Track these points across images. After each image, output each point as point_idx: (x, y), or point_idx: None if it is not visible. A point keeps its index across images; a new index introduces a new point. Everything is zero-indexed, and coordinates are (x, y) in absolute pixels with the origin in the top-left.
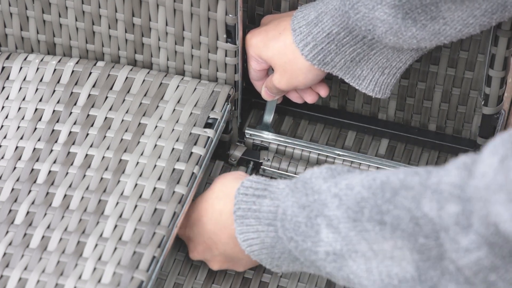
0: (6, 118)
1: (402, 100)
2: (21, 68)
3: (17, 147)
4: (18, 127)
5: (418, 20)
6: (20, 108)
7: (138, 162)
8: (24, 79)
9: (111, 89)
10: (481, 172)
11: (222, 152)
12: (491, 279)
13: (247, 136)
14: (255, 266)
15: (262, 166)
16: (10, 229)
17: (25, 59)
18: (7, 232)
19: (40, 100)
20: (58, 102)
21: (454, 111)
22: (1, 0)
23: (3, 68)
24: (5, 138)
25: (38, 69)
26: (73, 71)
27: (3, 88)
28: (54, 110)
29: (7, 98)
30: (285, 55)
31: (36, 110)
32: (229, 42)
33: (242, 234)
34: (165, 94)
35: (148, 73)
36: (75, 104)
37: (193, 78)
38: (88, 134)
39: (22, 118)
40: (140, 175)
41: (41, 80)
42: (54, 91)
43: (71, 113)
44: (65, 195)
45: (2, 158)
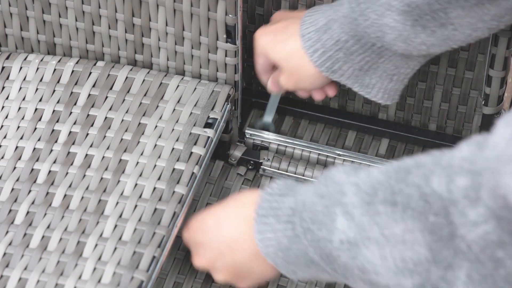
0: (6, 118)
1: (402, 100)
2: (21, 68)
3: (17, 147)
4: (18, 127)
5: (427, 26)
6: (20, 108)
7: (138, 162)
8: (24, 79)
9: (111, 89)
10: (492, 143)
11: (222, 152)
12: (499, 256)
13: (247, 136)
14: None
15: (262, 166)
16: (10, 229)
17: (25, 59)
18: (7, 232)
19: (40, 100)
20: (58, 102)
21: (454, 111)
22: (1, 0)
23: (3, 68)
24: (5, 138)
25: (38, 69)
26: (73, 71)
27: (3, 88)
28: (54, 110)
29: (7, 98)
30: (293, 60)
31: (36, 110)
32: (229, 42)
33: (260, 233)
34: (165, 94)
35: (148, 73)
36: (75, 104)
37: (193, 78)
38: (88, 134)
39: (22, 118)
40: (140, 175)
41: (41, 80)
42: (54, 91)
43: (71, 113)
44: (65, 195)
45: (2, 158)
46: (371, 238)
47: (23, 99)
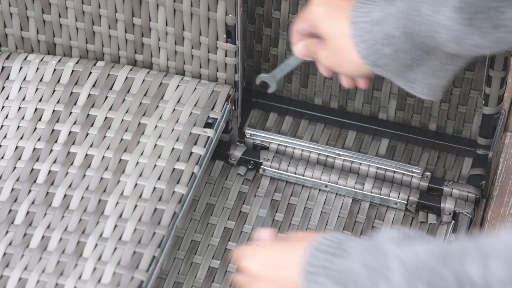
0: (6, 118)
1: (402, 100)
2: (21, 68)
3: (17, 147)
4: (18, 127)
5: (481, 27)
6: (20, 108)
7: (138, 162)
8: (24, 79)
9: (111, 89)
10: None
11: (222, 152)
12: None
13: (247, 136)
14: None
15: (262, 166)
16: (10, 229)
17: (25, 59)
18: (7, 232)
19: (40, 100)
20: (58, 102)
21: (454, 111)
22: (1, 0)
23: (3, 68)
24: (5, 138)
25: (38, 69)
26: (73, 71)
27: (3, 88)
28: (54, 110)
29: (7, 98)
30: (339, 42)
31: (36, 110)
32: (229, 42)
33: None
34: (165, 94)
35: (148, 73)
36: (75, 104)
37: (193, 78)
38: (88, 134)
39: (22, 118)
40: (140, 175)
41: (41, 80)
42: (54, 91)
43: (71, 113)
44: (65, 195)
45: (2, 158)
46: None
47: (23, 99)
